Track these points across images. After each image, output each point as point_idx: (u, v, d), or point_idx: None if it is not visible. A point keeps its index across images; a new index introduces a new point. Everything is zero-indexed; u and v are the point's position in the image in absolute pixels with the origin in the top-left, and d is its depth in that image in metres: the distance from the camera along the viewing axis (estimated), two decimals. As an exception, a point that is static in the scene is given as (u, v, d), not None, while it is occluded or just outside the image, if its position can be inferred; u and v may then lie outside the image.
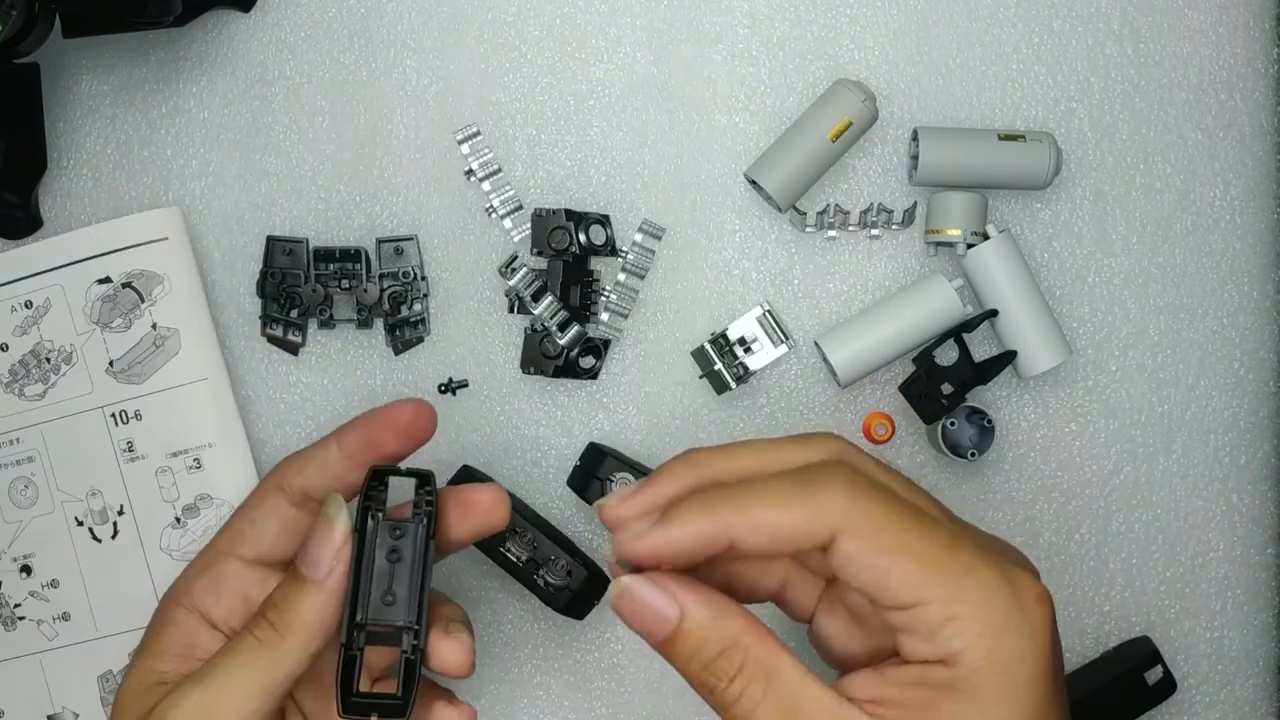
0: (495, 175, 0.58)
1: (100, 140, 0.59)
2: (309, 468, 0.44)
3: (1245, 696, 0.58)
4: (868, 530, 0.34)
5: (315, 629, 0.41)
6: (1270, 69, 0.59)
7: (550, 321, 0.56)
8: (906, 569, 0.34)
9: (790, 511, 0.35)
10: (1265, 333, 0.59)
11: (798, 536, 0.35)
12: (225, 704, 0.40)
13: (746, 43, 0.59)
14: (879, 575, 0.34)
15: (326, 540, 0.41)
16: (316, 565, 0.40)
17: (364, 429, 0.44)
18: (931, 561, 0.34)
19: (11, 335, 0.58)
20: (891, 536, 0.35)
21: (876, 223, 0.58)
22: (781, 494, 0.35)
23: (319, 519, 0.41)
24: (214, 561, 0.45)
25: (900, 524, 0.35)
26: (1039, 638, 0.35)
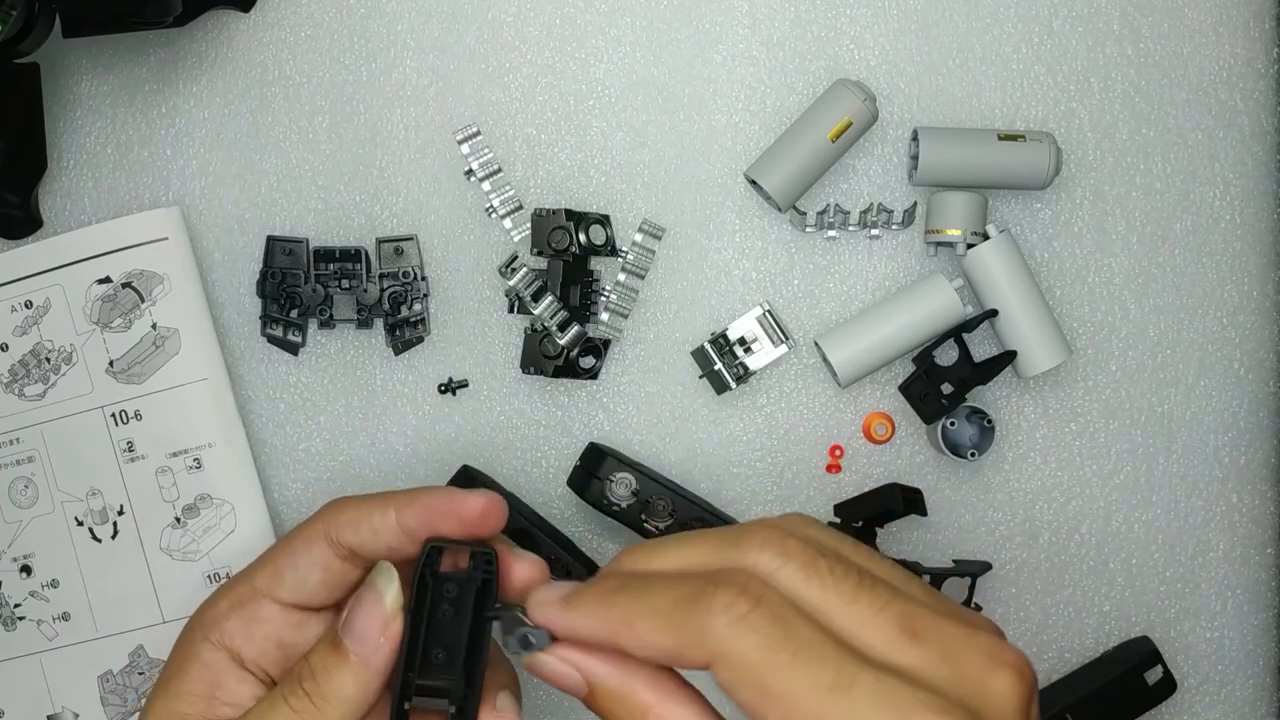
0: (495, 175, 0.58)
1: (100, 140, 0.59)
2: (362, 529, 0.42)
3: (1245, 696, 0.58)
4: (740, 667, 0.32)
5: (355, 705, 0.39)
6: (1270, 69, 0.59)
7: (550, 321, 0.56)
8: (782, 713, 0.32)
9: (669, 635, 0.34)
10: (1265, 333, 0.59)
11: (679, 659, 0.34)
12: None
13: (746, 43, 0.59)
14: (754, 713, 0.33)
15: (375, 614, 0.39)
16: (362, 641, 0.39)
17: (427, 512, 0.41)
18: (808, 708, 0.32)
19: (11, 335, 0.58)
20: (766, 675, 0.32)
21: (876, 223, 0.58)
22: (665, 613, 0.34)
23: (367, 589, 0.40)
24: (248, 599, 0.43)
25: (776, 663, 0.32)
26: None
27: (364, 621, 0.39)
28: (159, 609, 0.57)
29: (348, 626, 0.39)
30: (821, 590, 0.34)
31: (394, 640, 0.39)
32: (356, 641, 0.39)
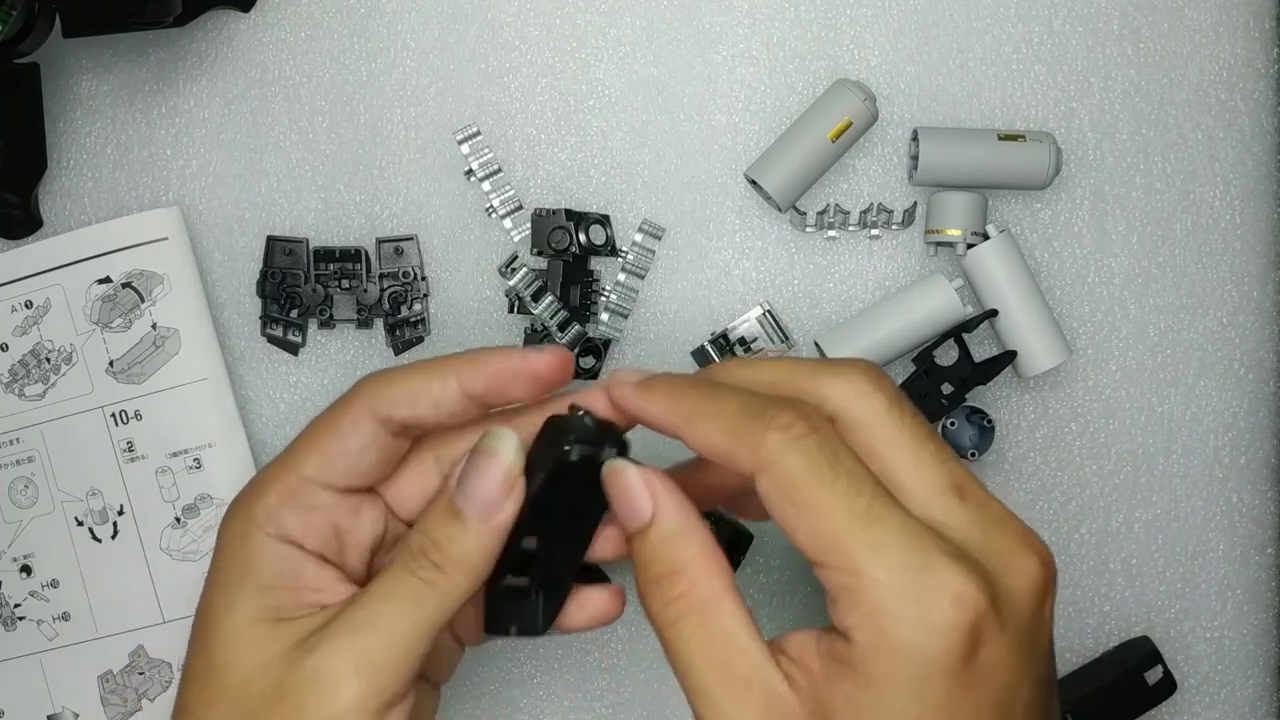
0: (495, 175, 0.58)
1: (100, 140, 0.60)
2: (420, 404, 0.40)
3: (1245, 696, 0.58)
4: (782, 479, 0.34)
5: (482, 567, 0.39)
6: (1270, 69, 0.59)
7: (550, 321, 0.56)
8: (811, 528, 0.34)
9: (725, 438, 0.36)
10: (1265, 333, 0.59)
11: (729, 461, 0.36)
12: (393, 652, 0.38)
13: (746, 43, 0.59)
14: (786, 524, 0.35)
15: (496, 477, 0.38)
16: (487, 506, 0.38)
17: (494, 376, 0.40)
18: (836, 528, 0.34)
19: (11, 335, 0.58)
20: (803, 491, 0.34)
21: (876, 223, 0.58)
22: (727, 419, 0.36)
23: (483, 454, 0.39)
24: (300, 489, 0.41)
25: (816, 481, 0.34)
26: (944, 638, 0.33)
27: (485, 486, 0.38)
28: (159, 609, 0.57)
29: (467, 493, 0.38)
30: (898, 426, 0.36)
31: (518, 501, 0.38)
32: (479, 506, 0.38)
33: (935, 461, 0.36)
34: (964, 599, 0.33)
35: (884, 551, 0.33)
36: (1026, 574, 0.35)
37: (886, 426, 0.36)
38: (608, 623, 0.43)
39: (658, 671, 0.58)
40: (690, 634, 0.36)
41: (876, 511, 0.34)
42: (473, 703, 0.58)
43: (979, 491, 0.36)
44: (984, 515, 0.35)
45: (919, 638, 0.33)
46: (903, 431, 0.36)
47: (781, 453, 0.34)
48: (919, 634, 0.33)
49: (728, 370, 0.39)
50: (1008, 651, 0.34)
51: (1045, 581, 0.35)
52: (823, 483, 0.34)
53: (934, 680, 0.33)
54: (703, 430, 0.36)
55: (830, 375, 0.37)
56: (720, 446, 0.36)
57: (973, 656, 0.33)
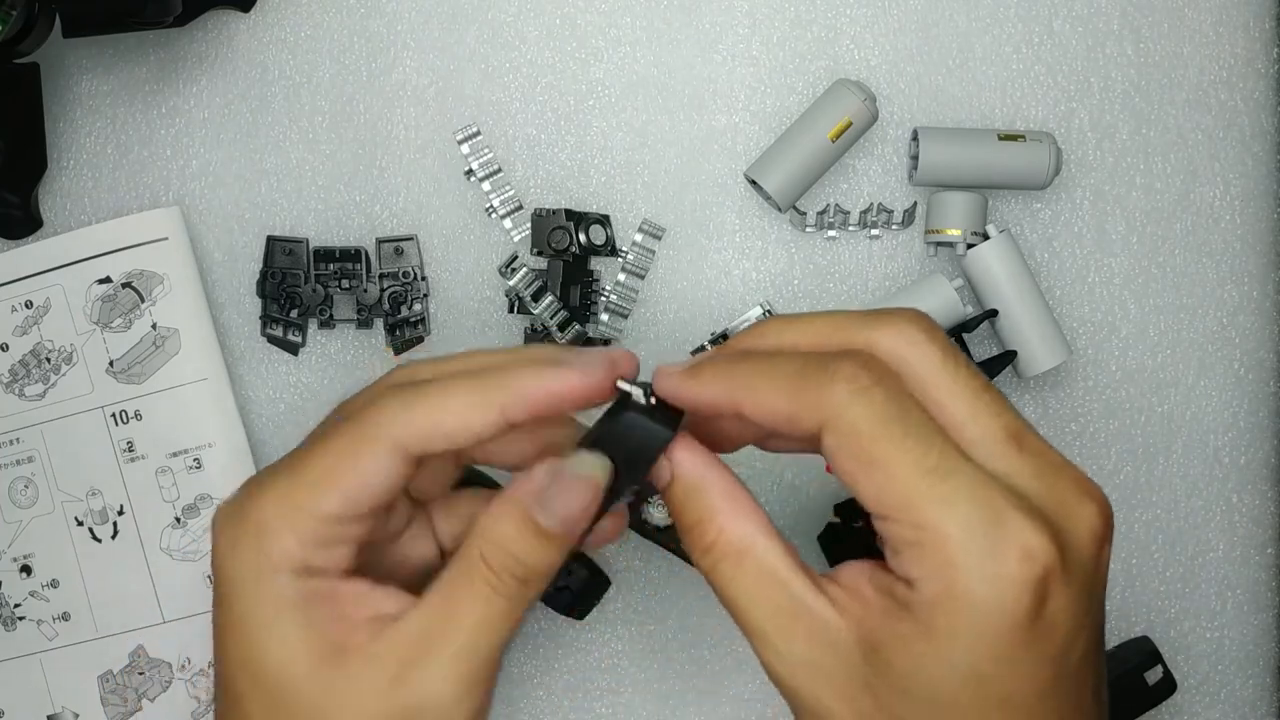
0: (495, 175, 0.58)
1: (100, 140, 0.60)
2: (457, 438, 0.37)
3: (1245, 696, 0.58)
4: (849, 434, 0.34)
5: (553, 574, 0.38)
6: (1270, 69, 0.59)
7: (550, 321, 0.56)
8: (879, 483, 0.33)
9: (787, 400, 0.35)
10: (1265, 333, 0.59)
11: (794, 423, 0.35)
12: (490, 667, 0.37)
13: (746, 43, 0.59)
14: (851, 480, 0.34)
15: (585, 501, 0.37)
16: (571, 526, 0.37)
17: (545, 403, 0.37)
18: (905, 483, 0.33)
19: (11, 335, 0.58)
20: (871, 446, 0.33)
21: (876, 223, 0.58)
22: (787, 380, 0.35)
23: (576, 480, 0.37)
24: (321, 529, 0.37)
25: (885, 436, 0.33)
26: (1013, 592, 0.32)
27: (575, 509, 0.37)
28: (159, 609, 0.57)
29: (554, 513, 0.37)
30: (953, 376, 0.35)
31: (590, 518, 0.38)
32: (565, 526, 0.37)
33: (992, 412, 0.35)
34: (1034, 553, 0.33)
35: (955, 506, 0.33)
36: (1087, 521, 0.34)
37: (942, 376, 0.35)
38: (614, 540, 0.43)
39: (658, 671, 0.58)
40: (730, 575, 0.36)
41: (947, 466, 0.33)
42: (473, 703, 0.58)
43: (1036, 440, 0.35)
44: (1042, 464, 0.35)
45: (988, 592, 0.32)
46: (958, 381, 0.35)
47: (847, 405, 0.34)
48: (988, 588, 0.32)
49: (772, 331, 0.38)
50: (1070, 602, 0.33)
51: (1105, 528, 0.35)
52: (892, 437, 0.33)
53: (999, 635, 0.33)
54: (763, 397, 0.35)
55: (881, 325, 0.36)
56: (783, 409, 0.35)
57: (1039, 610, 0.33)
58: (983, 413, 0.35)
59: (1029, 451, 0.35)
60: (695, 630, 0.58)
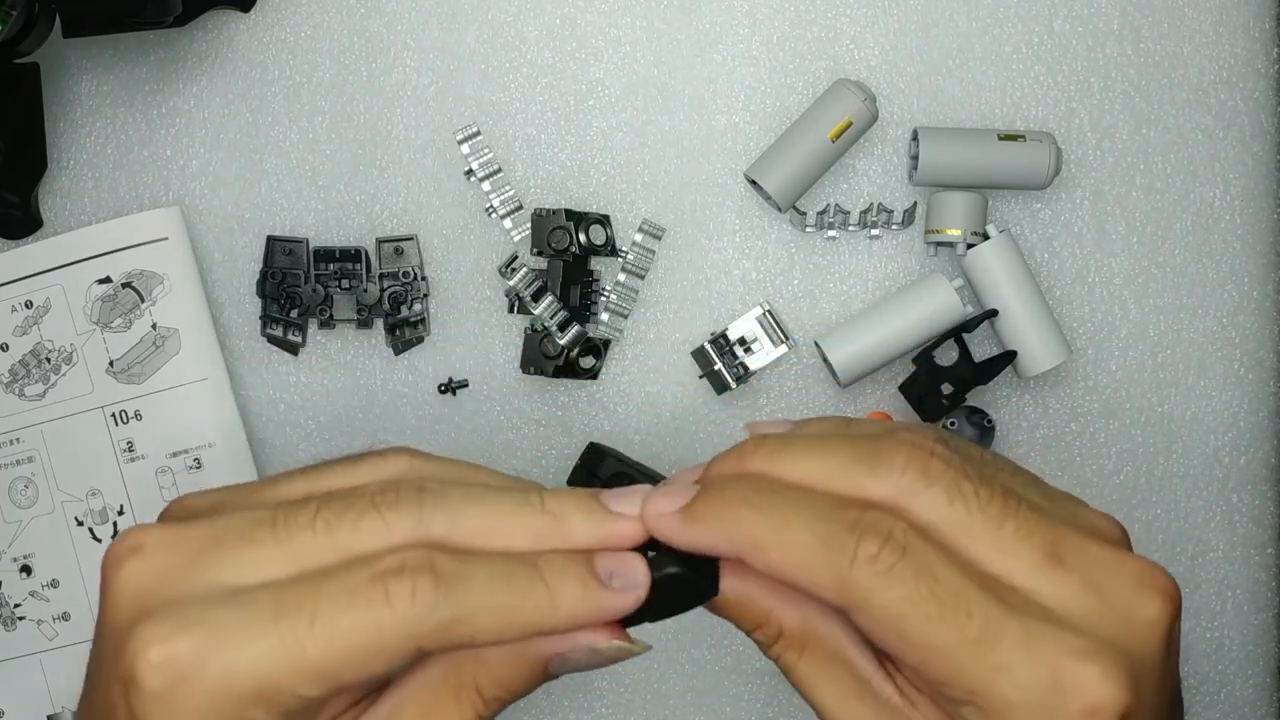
0: (495, 175, 0.58)
1: (100, 140, 0.60)
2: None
3: (1245, 696, 0.58)
4: (884, 619, 0.31)
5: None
6: (1270, 69, 0.59)
7: (550, 321, 0.56)
8: (924, 659, 0.31)
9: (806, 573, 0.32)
10: (1265, 333, 0.59)
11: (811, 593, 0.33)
12: None
13: (746, 43, 0.59)
14: (893, 651, 0.32)
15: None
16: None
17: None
18: (952, 659, 0.31)
19: (11, 335, 0.58)
20: (909, 628, 0.31)
21: (876, 223, 0.58)
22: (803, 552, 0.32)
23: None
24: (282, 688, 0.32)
25: (922, 616, 0.31)
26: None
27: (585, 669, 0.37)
28: (159, 609, 0.57)
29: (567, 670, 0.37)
30: (966, 515, 0.32)
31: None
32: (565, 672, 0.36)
33: (1020, 537, 0.32)
34: (1100, 705, 0.30)
35: (1010, 673, 0.31)
36: (1151, 625, 0.32)
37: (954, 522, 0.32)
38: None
39: (658, 671, 0.58)
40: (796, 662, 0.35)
41: (991, 630, 0.31)
42: (473, 703, 0.58)
43: (1076, 544, 0.33)
44: (1091, 572, 0.32)
45: None
46: (973, 518, 0.32)
47: (874, 589, 0.31)
48: None
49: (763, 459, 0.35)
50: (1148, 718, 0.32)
51: (1172, 619, 0.32)
52: (929, 616, 0.31)
53: None
54: (775, 562, 0.33)
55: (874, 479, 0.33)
56: (801, 580, 0.32)
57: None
58: (1011, 545, 0.32)
59: (1071, 565, 0.32)
60: (695, 630, 0.58)
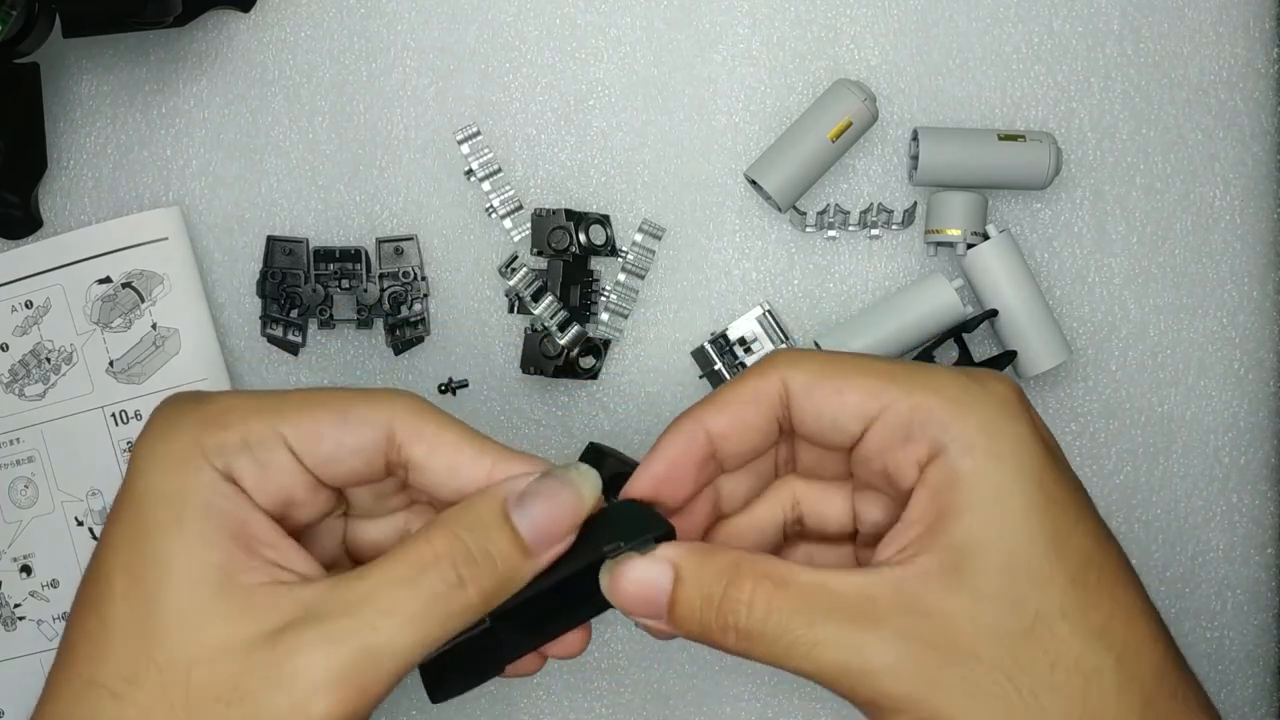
0: (495, 175, 0.58)
1: (100, 140, 0.60)
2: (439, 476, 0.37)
3: (1245, 696, 0.58)
4: (813, 364, 0.36)
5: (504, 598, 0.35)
6: (1270, 69, 0.59)
7: (550, 321, 0.56)
8: (858, 381, 0.35)
9: (742, 381, 0.37)
10: (1265, 333, 0.59)
11: (757, 398, 0.37)
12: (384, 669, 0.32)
13: (746, 43, 0.59)
14: (836, 397, 0.36)
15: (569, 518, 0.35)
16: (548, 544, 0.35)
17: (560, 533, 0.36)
18: (882, 370, 0.35)
19: (11, 335, 0.58)
20: (837, 363, 0.36)
21: (876, 223, 0.58)
22: (737, 377, 0.38)
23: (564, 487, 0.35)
24: (268, 440, 0.34)
25: (844, 356, 0.37)
26: (1012, 407, 0.35)
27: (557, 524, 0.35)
28: (159, 609, 0.57)
29: (537, 528, 0.35)
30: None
31: (566, 546, 0.35)
32: (543, 542, 0.35)
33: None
34: (1003, 378, 0.36)
35: (937, 375, 0.35)
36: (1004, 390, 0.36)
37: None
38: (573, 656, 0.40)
39: (658, 671, 0.58)
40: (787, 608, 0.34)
41: (907, 363, 0.37)
42: (473, 703, 0.58)
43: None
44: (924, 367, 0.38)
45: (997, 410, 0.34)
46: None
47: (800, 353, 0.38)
48: (995, 407, 0.35)
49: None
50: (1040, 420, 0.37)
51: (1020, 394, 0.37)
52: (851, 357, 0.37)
53: (1029, 440, 0.34)
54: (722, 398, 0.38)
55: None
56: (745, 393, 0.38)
57: (1034, 418, 0.36)
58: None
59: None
60: (695, 630, 0.58)
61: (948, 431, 0.34)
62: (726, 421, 0.37)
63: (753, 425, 0.37)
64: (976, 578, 0.33)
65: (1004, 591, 0.32)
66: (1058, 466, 0.35)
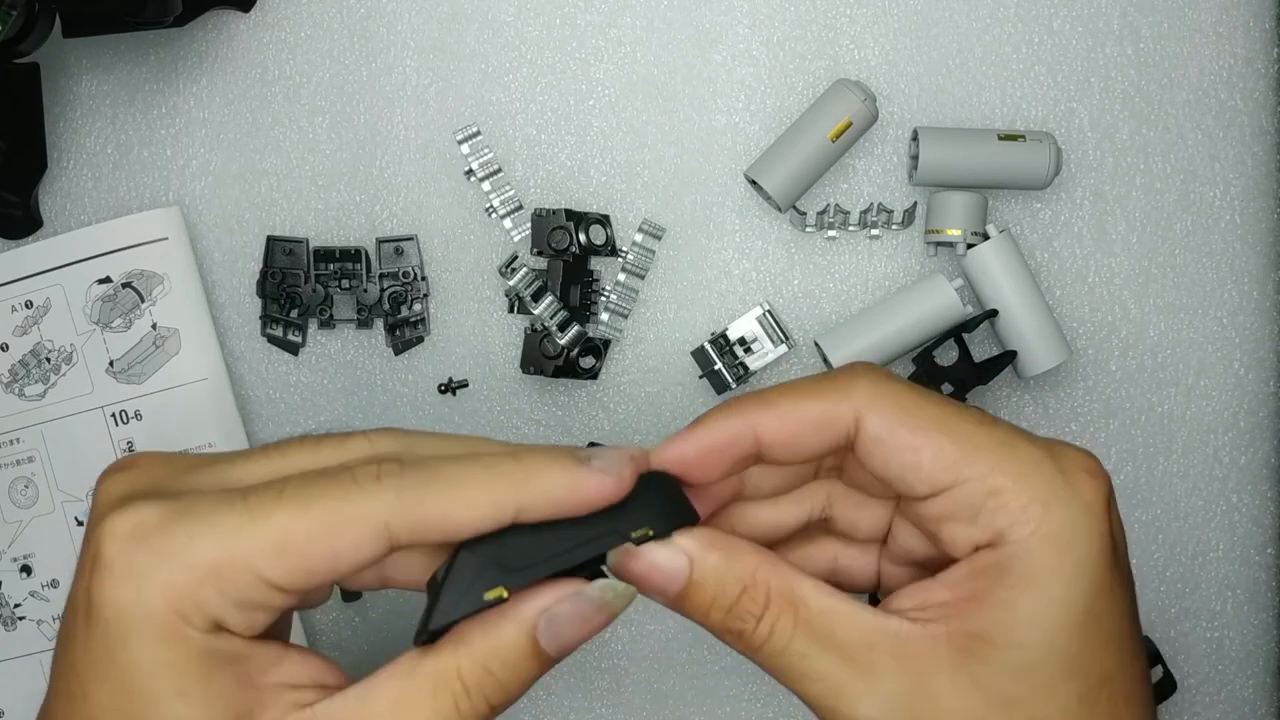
0: (495, 175, 0.58)
1: (100, 140, 0.60)
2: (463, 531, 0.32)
3: (1245, 696, 0.58)
4: (895, 409, 0.33)
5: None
6: (1270, 69, 0.59)
7: (550, 321, 0.56)
8: (940, 445, 0.32)
9: (814, 398, 0.34)
10: (1265, 333, 0.59)
11: (823, 424, 0.33)
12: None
13: (746, 43, 0.59)
14: (911, 455, 0.33)
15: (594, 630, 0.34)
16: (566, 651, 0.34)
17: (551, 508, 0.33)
18: (966, 436, 0.32)
19: (11, 335, 0.58)
20: (921, 414, 0.33)
21: (876, 223, 0.58)
22: (806, 386, 0.34)
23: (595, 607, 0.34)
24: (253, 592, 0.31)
25: (929, 404, 0.33)
26: (1093, 513, 0.32)
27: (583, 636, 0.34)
28: (159, 609, 0.57)
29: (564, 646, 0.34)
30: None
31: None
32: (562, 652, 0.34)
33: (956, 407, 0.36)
34: (1095, 471, 0.33)
35: (1018, 447, 0.33)
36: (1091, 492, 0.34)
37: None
38: None
39: (658, 671, 0.58)
40: (792, 631, 0.33)
41: (987, 418, 0.33)
42: (473, 703, 0.58)
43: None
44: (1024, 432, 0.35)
45: (1074, 517, 0.32)
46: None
47: (882, 385, 0.33)
48: (1074, 513, 0.32)
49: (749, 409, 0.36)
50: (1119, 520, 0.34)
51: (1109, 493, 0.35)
52: (936, 405, 0.33)
53: (1097, 559, 0.32)
54: (785, 406, 0.34)
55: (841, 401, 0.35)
56: (811, 412, 0.33)
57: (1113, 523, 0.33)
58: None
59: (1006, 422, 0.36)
60: (695, 630, 0.58)
61: (1016, 532, 0.32)
62: (782, 433, 0.34)
63: (808, 447, 0.34)
64: (985, 670, 0.32)
65: (1007, 692, 0.32)
66: (1113, 578, 0.33)
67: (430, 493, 0.31)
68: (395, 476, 0.31)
